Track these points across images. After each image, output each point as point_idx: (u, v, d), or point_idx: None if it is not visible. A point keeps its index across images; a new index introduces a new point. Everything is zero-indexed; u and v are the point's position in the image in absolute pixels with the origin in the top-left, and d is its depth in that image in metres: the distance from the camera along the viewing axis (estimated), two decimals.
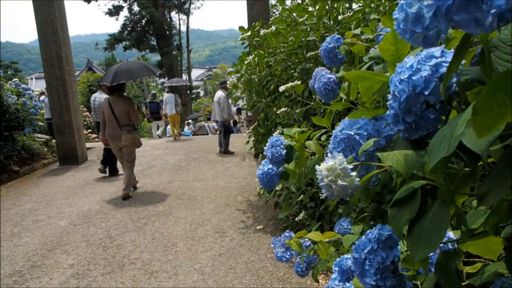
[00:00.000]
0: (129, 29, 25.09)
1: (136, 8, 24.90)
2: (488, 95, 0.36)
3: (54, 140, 7.90)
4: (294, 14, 2.99)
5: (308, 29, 2.63)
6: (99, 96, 6.46)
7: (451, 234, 0.77)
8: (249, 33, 3.66)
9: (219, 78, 30.00)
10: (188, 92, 26.08)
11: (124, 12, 25.20)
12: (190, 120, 18.09)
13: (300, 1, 3.25)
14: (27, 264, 3.33)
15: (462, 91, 0.57)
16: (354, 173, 0.61)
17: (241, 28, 3.79)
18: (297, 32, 2.70)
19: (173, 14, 27.13)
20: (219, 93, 8.00)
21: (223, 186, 5.55)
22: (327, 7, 2.56)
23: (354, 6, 2.56)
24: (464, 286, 0.71)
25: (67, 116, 7.26)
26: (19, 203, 5.17)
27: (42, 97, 9.40)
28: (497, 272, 0.70)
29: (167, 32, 25.52)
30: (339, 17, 2.36)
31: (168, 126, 13.30)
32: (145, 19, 24.77)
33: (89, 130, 11.22)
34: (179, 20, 27.42)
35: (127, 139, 4.99)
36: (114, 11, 24.97)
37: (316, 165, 0.63)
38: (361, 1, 2.39)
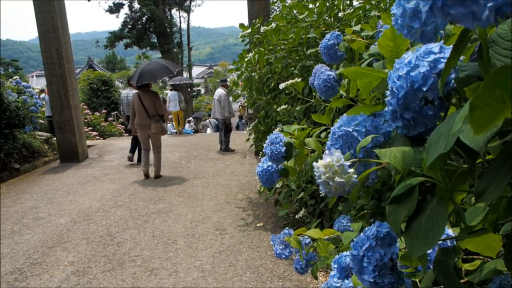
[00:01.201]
0: (130, 26, 25.10)
1: (136, 5, 24.89)
2: (485, 91, 0.35)
3: (54, 138, 7.91)
4: (294, 11, 2.97)
5: (309, 26, 2.62)
6: (131, 92, 7.10)
7: (450, 231, 0.76)
8: (249, 30, 3.63)
9: (220, 75, 30.00)
10: (189, 89, 26.06)
11: (125, 10, 25.25)
12: (191, 118, 18.06)
13: None
14: (28, 262, 3.34)
15: (460, 87, 0.56)
16: (351, 170, 0.60)
17: (241, 25, 3.77)
18: (297, 29, 2.69)
19: (174, 11, 27.16)
20: (220, 91, 8.00)
21: (224, 183, 5.55)
22: (327, 4, 2.55)
23: (355, 3, 2.54)
24: (462, 283, 0.71)
25: (67, 114, 7.26)
26: (19, 201, 5.18)
27: (43, 95, 9.40)
28: (496, 269, 0.70)
29: (168, 30, 25.51)
30: (340, 14, 2.35)
31: (169, 124, 13.31)
32: (146, 16, 24.76)
33: (90, 128, 11.21)
34: (179, 17, 27.43)
35: (156, 127, 5.80)
36: (114, 9, 24.98)
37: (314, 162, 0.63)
38: None
